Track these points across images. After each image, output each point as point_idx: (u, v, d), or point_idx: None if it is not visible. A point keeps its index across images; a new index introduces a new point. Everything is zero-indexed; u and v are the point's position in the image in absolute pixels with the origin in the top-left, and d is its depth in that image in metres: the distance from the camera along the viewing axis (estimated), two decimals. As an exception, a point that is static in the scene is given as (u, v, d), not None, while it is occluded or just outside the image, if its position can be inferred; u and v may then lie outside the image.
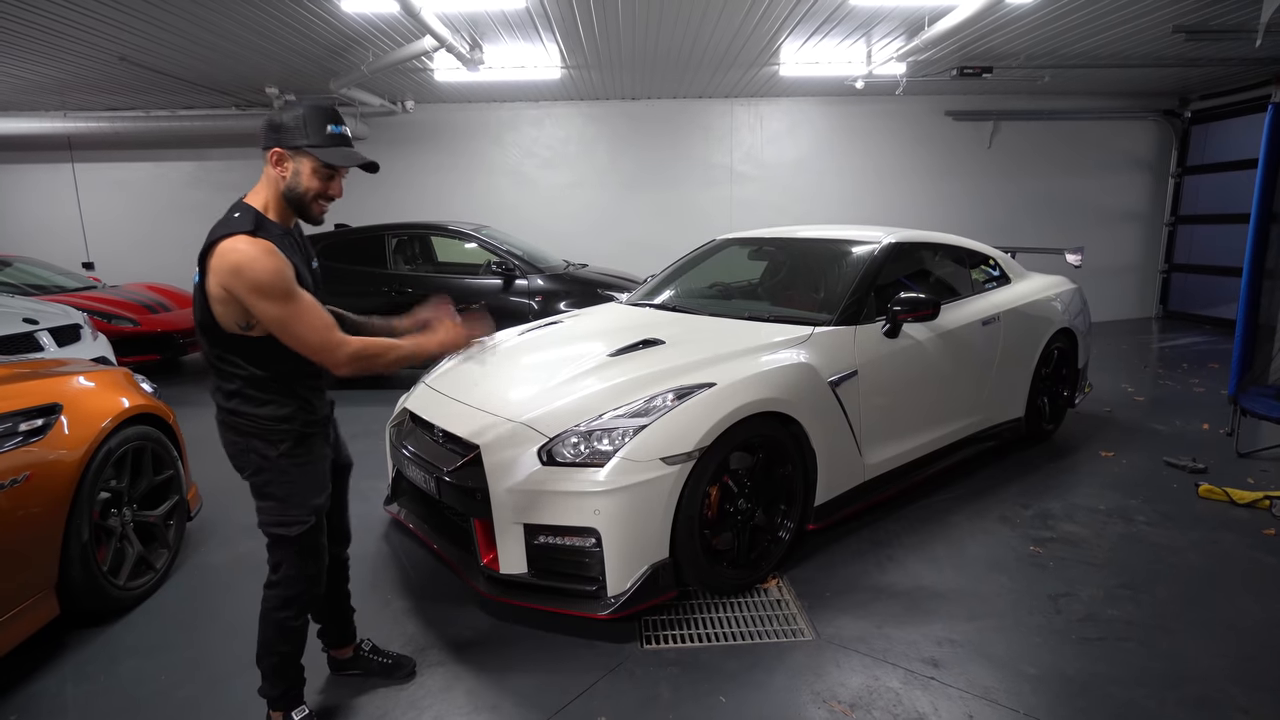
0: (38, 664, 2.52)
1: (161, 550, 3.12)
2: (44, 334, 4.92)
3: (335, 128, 1.85)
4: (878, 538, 3.36)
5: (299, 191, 1.85)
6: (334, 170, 1.87)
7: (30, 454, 2.47)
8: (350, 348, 1.84)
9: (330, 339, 1.83)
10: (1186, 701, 2.23)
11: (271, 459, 1.90)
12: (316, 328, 1.81)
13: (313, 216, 1.92)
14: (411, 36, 6.09)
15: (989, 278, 4.43)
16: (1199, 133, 9.71)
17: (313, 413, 1.98)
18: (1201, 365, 7.04)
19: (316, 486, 1.99)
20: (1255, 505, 3.63)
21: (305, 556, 1.99)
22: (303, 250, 1.96)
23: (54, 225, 9.49)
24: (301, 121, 1.81)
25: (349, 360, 1.84)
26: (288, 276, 1.76)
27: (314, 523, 1.97)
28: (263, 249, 1.74)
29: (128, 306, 6.91)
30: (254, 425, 1.89)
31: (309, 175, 1.84)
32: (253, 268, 1.72)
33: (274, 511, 1.94)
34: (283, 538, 1.95)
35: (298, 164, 1.83)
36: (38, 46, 6.08)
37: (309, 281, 1.90)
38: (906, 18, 6.02)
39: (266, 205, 1.86)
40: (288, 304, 1.76)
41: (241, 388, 1.88)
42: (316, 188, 1.86)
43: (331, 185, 1.87)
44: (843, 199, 9.55)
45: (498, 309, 6.09)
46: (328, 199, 1.90)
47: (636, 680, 2.38)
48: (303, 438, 1.94)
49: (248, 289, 1.72)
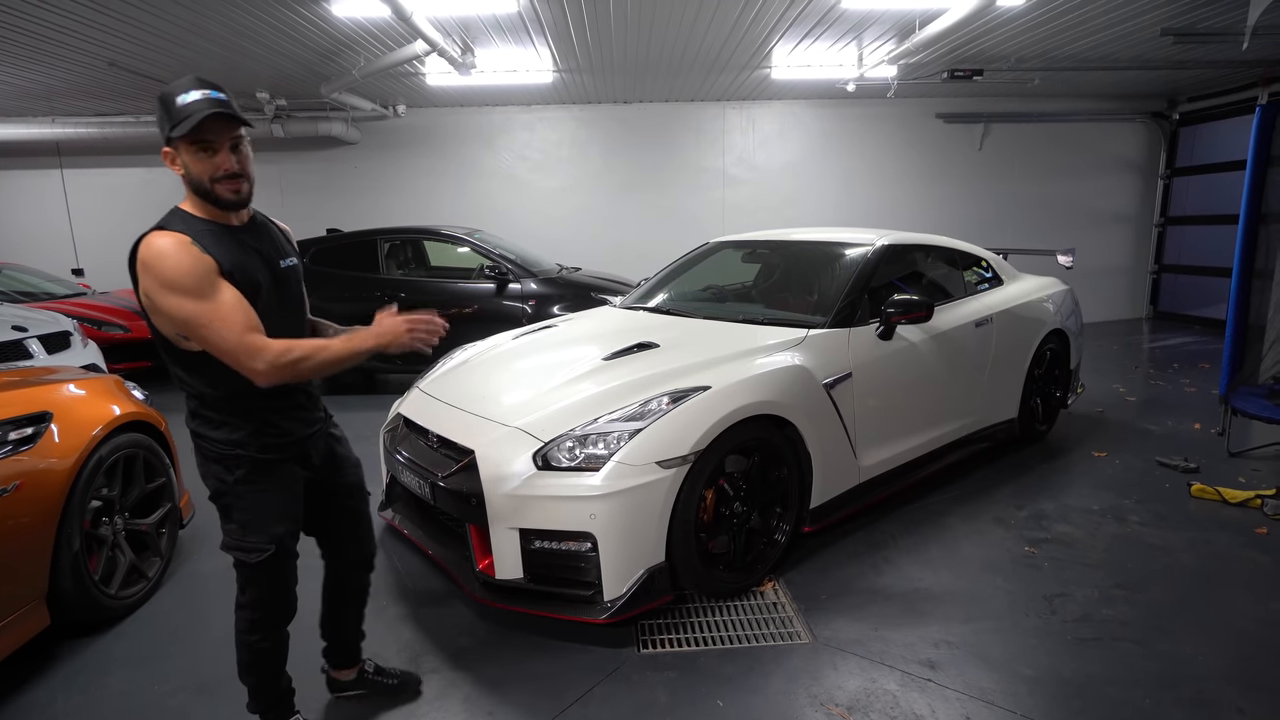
0: (28, 675, 2.49)
1: (154, 559, 3.09)
2: (33, 341, 4.88)
3: (187, 95, 1.64)
4: (873, 540, 3.36)
5: (196, 181, 1.69)
6: (205, 141, 1.66)
7: (20, 463, 2.45)
8: (271, 351, 1.65)
9: (247, 342, 1.64)
10: (1183, 701, 2.24)
11: (229, 483, 1.81)
12: (233, 327, 1.63)
13: (223, 201, 1.71)
14: (403, 40, 6.08)
15: (981, 279, 4.44)
16: (1188, 134, 9.79)
17: (276, 436, 1.83)
18: (1192, 365, 7.09)
19: (278, 515, 1.86)
20: (1247, 504, 3.65)
21: (269, 584, 1.90)
22: (261, 246, 1.82)
23: (43, 232, 9.43)
24: (162, 112, 1.66)
25: (270, 366, 1.65)
26: (200, 270, 1.62)
27: (274, 551, 1.85)
28: (173, 242, 1.63)
29: (118, 313, 6.86)
30: (211, 448, 1.80)
31: (192, 160, 1.67)
32: (160, 262, 1.61)
33: (234, 535, 1.85)
34: (243, 563, 1.86)
35: (181, 155, 1.68)
36: (25, 52, 6.04)
37: (261, 279, 1.76)
38: (897, 21, 6.05)
39: (193, 204, 1.75)
40: (200, 301, 1.62)
41: (197, 408, 1.80)
42: (205, 169, 1.68)
43: (217, 161, 1.67)
44: (835, 201, 9.58)
45: (491, 313, 6.11)
46: (228, 177, 1.69)
47: (633, 685, 2.37)
48: (260, 464, 1.81)
49: (157, 286, 1.62)
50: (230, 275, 1.69)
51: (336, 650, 2.28)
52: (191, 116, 1.62)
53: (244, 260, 1.74)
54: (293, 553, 1.93)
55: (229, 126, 1.68)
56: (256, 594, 1.91)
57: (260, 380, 1.68)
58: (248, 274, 1.72)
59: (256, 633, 1.94)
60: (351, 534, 2.14)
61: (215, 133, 1.67)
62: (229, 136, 1.69)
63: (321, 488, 2.02)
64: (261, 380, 1.68)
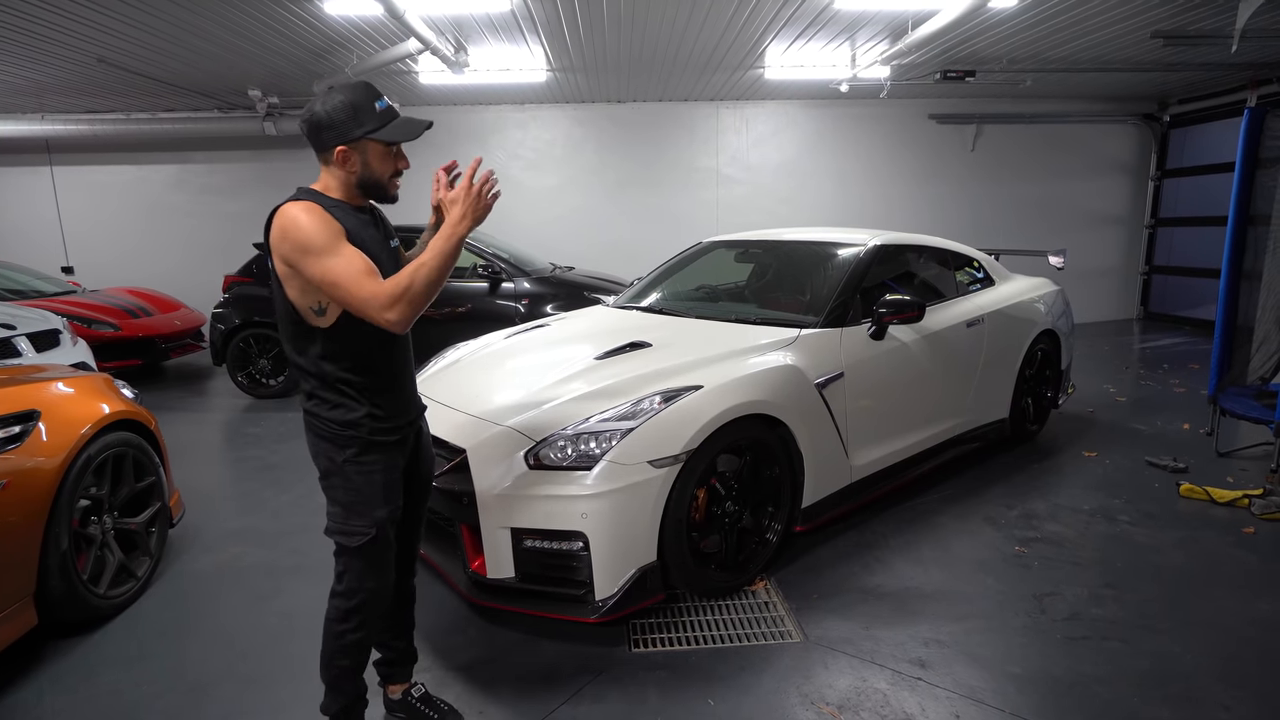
0: (15, 675, 2.48)
1: (143, 558, 3.08)
2: (22, 339, 4.84)
3: (381, 103, 1.81)
4: (865, 539, 3.37)
5: (374, 179, 1.84)
6: (398, 145, 1.85)
7: (7, 461, 2.43)
8: (386, 290, 1.70)
9: (370, 288, 1.70)
10: (1170, 699, 2.25)
11: (338, 463, 1.85)
12: (356, 276, 1.70)
13: (391, 196, 1.90)
14: (396, 39, 6.07)
15: (973, 280, 4.46)
16: (1178, 136, 9.85)
17: (387, 419, 1.89)
18: (1182, 366, 7.14)
19: (381, 497, 1.89)
20: (1235, 504, 3.68)
21: (368, 569, 1.91)
22: (376, 227, 1.93)
23: (32, 229, 9.36)
24: (351, 111, 1.77)
25: (390, 304, 1.69)
26: (333, 230, 1.71)
27: (375, 535, 1.87)
28: (308, 208, 1.72)
29: (108, 311, 6.83)
30: (325, 428, 1.85)
31: (378, 160, 1.83)
32: (296, 225, 1.69)
33: (338, 518, 1.88)
34: (344, 546, 1.89)
35: (363, 154, 1.81)
36: (13, 48, 6.00)
37: (382, 259, 1.84)
38: (890, 22, 6.07)
39: (328, 188, 1.84)
40: (331, 257, 1.69)
41: (315, 389, 1.85)
42: (389, 168, 1.86)
43: (400, 160, 1.87)
44: (828, 202, 9.60)
45: (484, 312, 6.10)
46: (399, 175, 1.89)
47: (624, 684, 2.37)
48: (370, 445, 1.87)
49: (294, 249, 1.69)
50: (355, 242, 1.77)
51: (387, 662, 2.22)
52: (405, 124, 1.83)
53: (369, 239, 1.84)
54: (390, 540, 1.94)
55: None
56: (354, 580, 1.90)
57: (392, 324, 1.71)
58: (369, 248, 1.80)
59: (349, 620, 1.92)
60: (411, 527, 2.13)
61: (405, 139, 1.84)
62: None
63: (407, 476, 2.04)
64: (392, 322, 1.70)
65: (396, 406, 1.93)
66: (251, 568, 3.25)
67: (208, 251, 9.11)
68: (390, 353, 1.90)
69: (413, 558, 2.19)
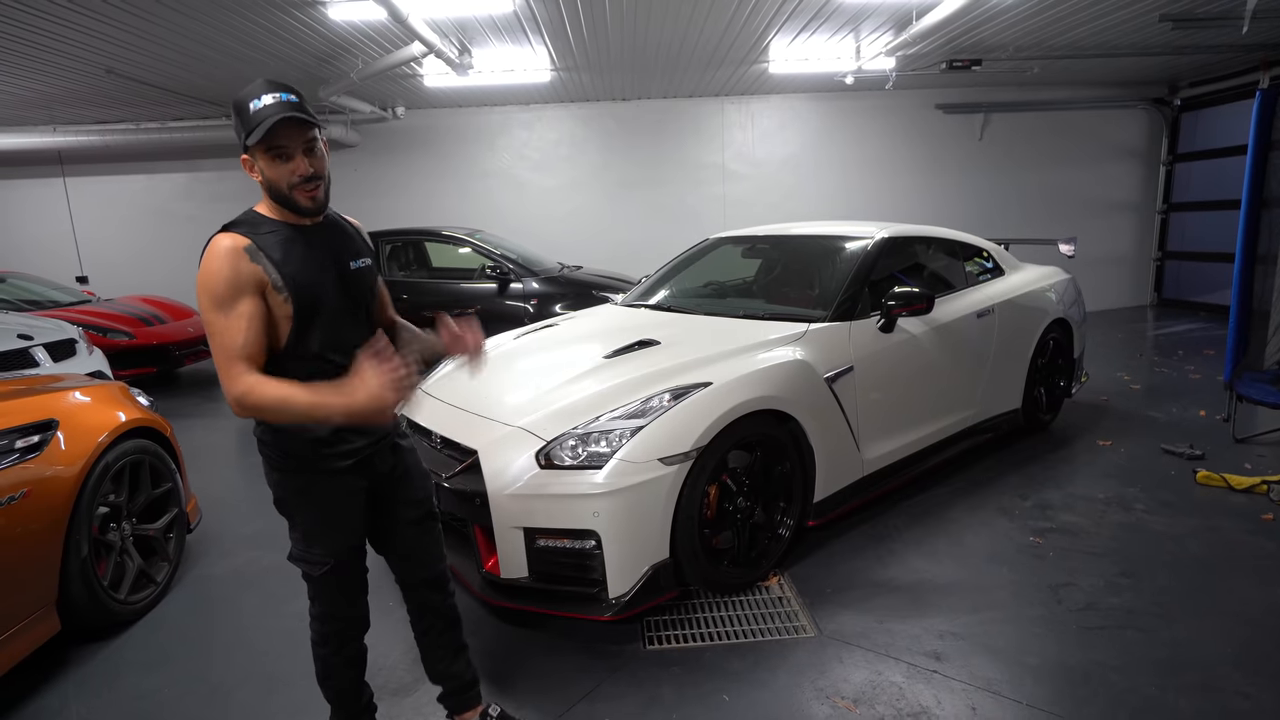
0: (40, 680, 2.52)
1: (162, 563, 3.12)
2: (39, 350, 4.90)
3: (258, 101, 1.60)
4: (877, 532, 3.36)
5: (273, 187, 1.66)
6: (278, 147, 1.62)
7: (27, 470, 2.46)
8: (239, 387, 1.56)
9: (226, 366, 1.57)
10: (1188, 688, 2.24)
11: (289, 491, 1.78)
12: (224, 347, 1.58)
13: (302, 207, 1.68)
14: (400, 43, 6.09)
15: (983, 270, 4.43)
16: (1189, 120, 9.74)
17: (336, 445, 1.75)
18: (1197, 352, 7.07)
19: (339, 527, 1.80)
20: (1253, 490, 3.64)
21: (335, 597, 1.85)
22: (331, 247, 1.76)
23: (46, 240, 9.48)
24: (237, 120, 1.63)
25: (235, 398, 1.57)
26: (226, 281, 1.58)
27: (335, 564, 1.80)
28: (223, 248, 1.60)
29: (123, 320, 6.89)
30: (273, 455, 1.76)
31: (268, 166, 1.64)
32: (205, 263, 1.61)
33: (299, 545, 1.82)
34: (308, 575, 1.83)
35: (258, 161, 1.65)
36: (22, 61, 6.07)
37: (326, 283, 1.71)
38: (894, 12, 6.03)
39: (269, 206, 1.72)
40: (216, 312, 1.58)
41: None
42: (282, 175, 1.64)
43: (294, 165, 1.63)
44: (835, 195, 9.56)
45: (493, 313, 6.12)
46: (305, 181, 1.65)
47: (639, 681, 2.38)
48: (318, 475, 1.76)
49: (198, 285, 1.61)
50: (289, 280, 1.65)
51: (448, 693, 2.13)
52: (264, 123, 1.58)
53: (309, 265, 1.69)
54: (357, 566, 1.88)
55: (301, 130, 1.63)
56: (323, 607, 1.87)
57: (235, 411, 1.60)
58: (310, 279, 1.68)
59: (326, 645, 1.90)
60: (418, 551, 2.00)
61: (288, 138, 1.62)
62: (302, 140, 1.64)
63: (386, 501, 1.92)
64: (236, 412, 1.60)
65: (347, 431, 1.74)
66: (268, 571, 3.28)
67: (219, 258, 9.17)
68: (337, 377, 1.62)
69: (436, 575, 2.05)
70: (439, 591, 2.07)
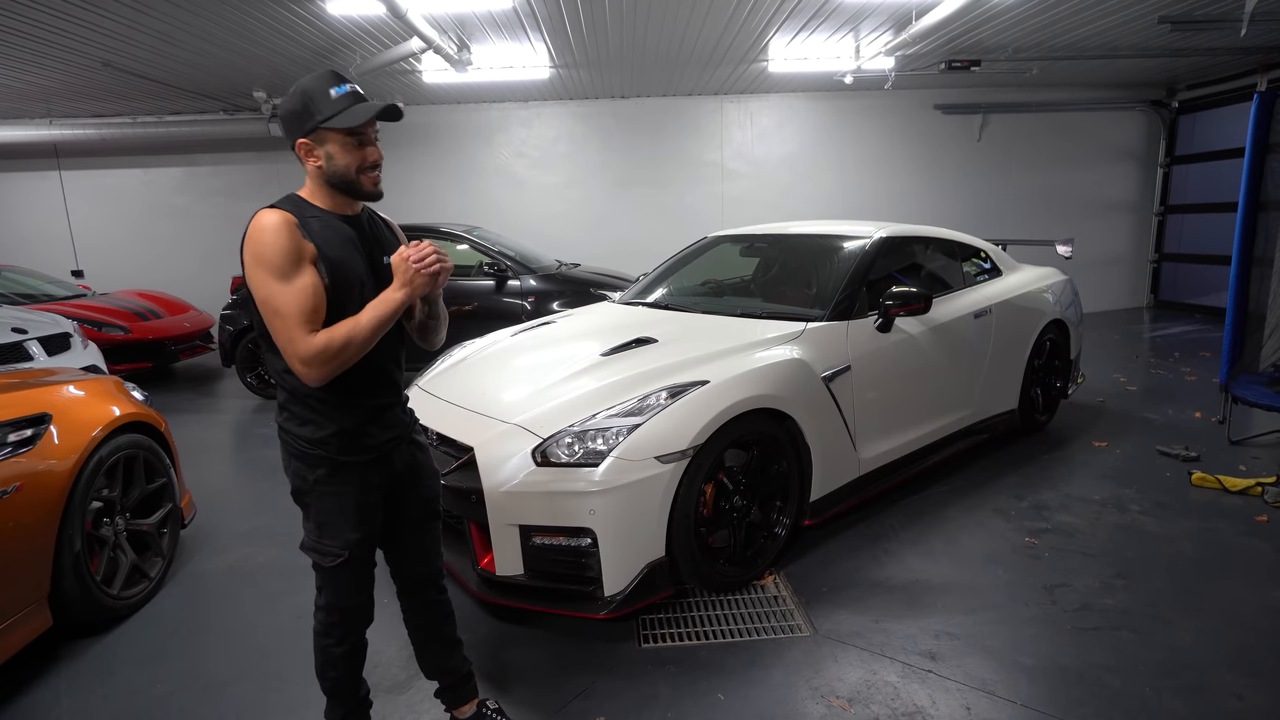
0: (32, 676, 2.50)
1: (155, 559, 3.10)
2: (33, 343, 4.88)
3: (339, 89, 1.67)
4: (874, 532, 3.37)
5: (340, 173, 1.70)
6: (360, 133, 1.69)
7: (20, 464, 2.45)
8: (315, 344, 1.61)
9: (293, 333, 1.60)
10: (1182, 689, 2.24)
11: (308, 482, 1.78)
12: (291, 314, 1.60)
13: (366, 192, 1.75)
14: (399, 38, 6.07)
15: (980, 270, 4.44)
16: (1186, 122, 9.76)
17: (359, 439, 1.78)
18: (1193, 354, 7.08)
19: (354, 520, 1.81)
20: (1248, 492, 3.65)
21: (344, 588, 1.86)
22: (368, 240, 1.81)
23: (42, 233, 9.44)
24: (307, 101, 1.66)
25: (310, 359, 1.61)
26: (292, 253, 1.61)
27: (348, 556, 1.81)
28: (275, 220, 1.62)
29: (118, 314, 6.87)
30: (295, 445, 1.77)
31: (340, 151, 1.68)
32: (257, 237, 1.61)
33: (312, 536, 1.82)
34: (319, 565, 1.83)
35: (325, 146, 1.68)
36: (19, 53, 6.04)
37: (361, 272, 1.74)
38: (894, 12, 6.03)
39: (312, 194, 1.74)
40: (277, 282, 1.60)
41: (286, 401, 1.77)
42: (353, 160, 1.70)
43: (367, 152, 1.71)
44: (834, 194, 9.57)
45: (491, 310, 6.11)
46: (371, 168, 1.73)
47: (635, 679, 2.38)
48: (339, 466, 1.77)
49: (251, 261, 1.62)
50: (330, 263, 1.68)
51: (445, 688, 2.16)
52: (353, 109, 1.66)
53: (348, 252, 1.73)
54: (368, 560, 1.89)
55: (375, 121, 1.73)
56: (331, 598, 1.86)
57: (309, 378, 1.64)
58: (348, 266, 1.72)
59: (330, 636, 1.90)
60: (420, 548, 2.02)
61: (370, 125, 1.71)
62: (374, 129, 1.73)
63: (397, 498, 1.94)
64: (310, 377, 1.64)
65: (371, 425, 1.81)
66: (263, 567, 3.27)
67: (215, 253, 9.17)
68: (364, 369, 1.74)
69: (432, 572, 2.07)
70: (434, 588, 2.09)
